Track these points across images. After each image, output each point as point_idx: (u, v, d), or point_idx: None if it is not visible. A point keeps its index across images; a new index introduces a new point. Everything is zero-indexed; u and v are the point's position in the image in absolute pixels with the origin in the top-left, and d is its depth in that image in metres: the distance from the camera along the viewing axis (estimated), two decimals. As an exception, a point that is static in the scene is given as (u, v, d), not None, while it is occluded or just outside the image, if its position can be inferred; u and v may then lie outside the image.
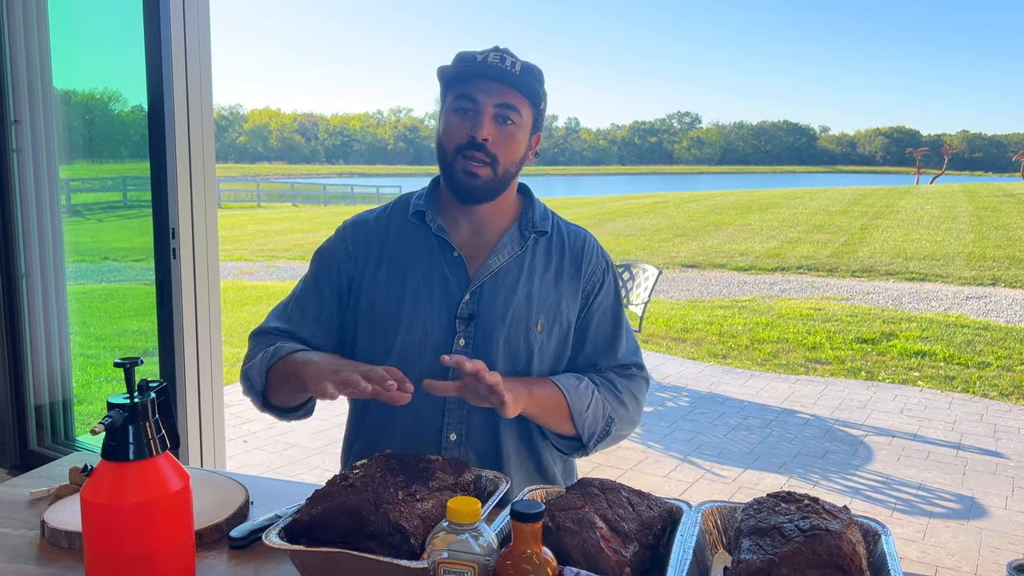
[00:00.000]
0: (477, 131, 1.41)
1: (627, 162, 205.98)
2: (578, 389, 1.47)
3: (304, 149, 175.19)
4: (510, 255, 1.50)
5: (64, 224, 3.32)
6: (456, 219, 1.52)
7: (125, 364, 1.05)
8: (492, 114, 1.42)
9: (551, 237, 1.55)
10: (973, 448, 4.51)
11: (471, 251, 1.51)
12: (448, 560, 0.94)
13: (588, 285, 1.55)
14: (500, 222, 1.53)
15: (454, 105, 1.44)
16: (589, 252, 1.56)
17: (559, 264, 1.53)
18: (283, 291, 10.04)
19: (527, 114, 1.46)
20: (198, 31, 2.65)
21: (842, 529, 1.04)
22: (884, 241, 14.25)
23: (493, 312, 1.46)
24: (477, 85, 1.42)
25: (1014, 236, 14.57)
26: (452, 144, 1.44)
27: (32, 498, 1.44)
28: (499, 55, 1.42)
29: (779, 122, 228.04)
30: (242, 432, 4.68)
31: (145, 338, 3.27)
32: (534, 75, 1.45)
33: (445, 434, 1.47)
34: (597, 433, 1.50)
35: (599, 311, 1.56)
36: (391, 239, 1.54)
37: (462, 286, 1.48)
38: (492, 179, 1.44)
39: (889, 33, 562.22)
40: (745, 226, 17.39)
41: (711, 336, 7.43)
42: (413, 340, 1.46)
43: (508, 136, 1.43)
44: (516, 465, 1.50)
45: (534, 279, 1.50)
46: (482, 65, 1.41)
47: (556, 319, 1.51)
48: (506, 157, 1.44)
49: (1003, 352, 6.71)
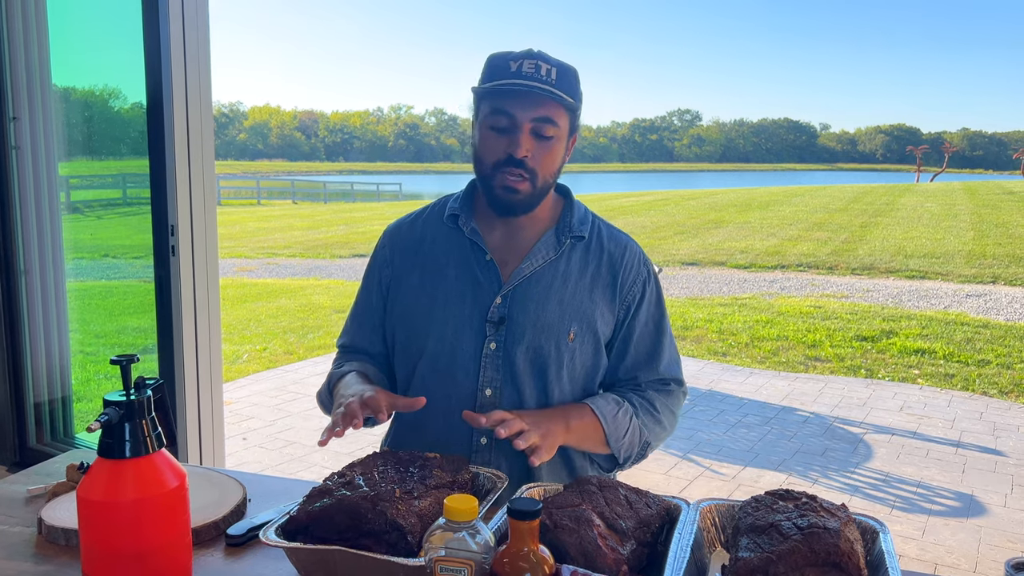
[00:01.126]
0: (515, 149, 1.38)
1: (627, 159, 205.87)
2: (616, 418, 1.46)
3: (304, 146, 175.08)
4: (544, 260, 1.48)
5: (63, 221, 3.32)
6: (491, 223, 1.51)
7: (122, 361, 1.05)
8: (529, 129, 1.39)
9: (589, 243, 1.52)
10: (972, 446, 4.51)
11: (504, 255, 1.49)
12: (445, 558, 0.93)
13: (628, 296, 1.52)
14: (537, 226, 1.51)
15: (489, 121, 1.41)
16: (629, 261, 1.53)
17: (596, 271, 1.50)
18: (282, 288, 10.05)
19: (564, 123, 1.43)
20: (197, 28, 2.65)
21: (840, 527, 1.04)
22: (884, 239, 14.24)
23: (524, 317, 1.45)
24: (512, 100, 1.38)
25: (1014, 234, 14.55)
26: (490, 160, 1.42)
27: (29, 495, 1.44)
28: (533, 63, 1.38)
29: (780, 120, 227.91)
30: (241, 430, 4.68)
31: (145, 335, 3.27)
32: (569, 79, 1.42)
33: (476, 438, 1.46)
34: (633, 457, 1.51)
35: (641, 323, 1.53)
36: (426, 242, 1.54)
37: (494, 290, 1.46)
38: (531, 193, 1.42)
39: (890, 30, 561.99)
40: (745, 224, 17.38)
41: (711, 333, 7.43)
42: (444, 343, 1.45)
43: (546, 150, 1.41)
44: (547, 470, 1.49)
45: (568, 285, 1.48)
46: (516, 77, 1.37)
47: (589, 328, 1.48)
48: (545, 170, 1.43)
49: (1003, 350, 6.71)
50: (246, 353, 6.63)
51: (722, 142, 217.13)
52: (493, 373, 1.45)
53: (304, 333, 7.41)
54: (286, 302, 9.07)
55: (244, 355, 6.57)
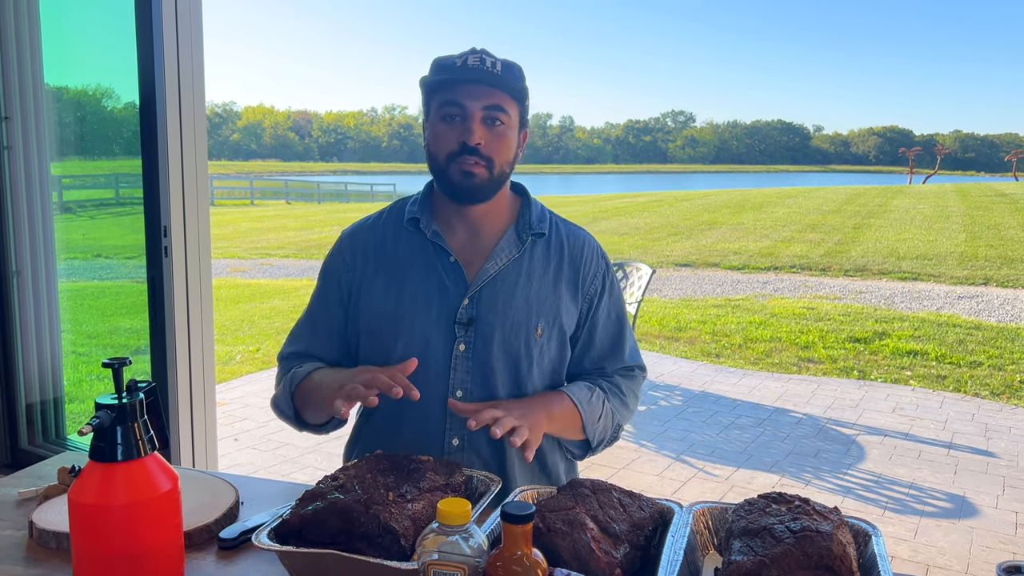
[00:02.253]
0: (468, 136, 1.40)
1: (621, 161, 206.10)
2: (591, 402, 1.49)
3: (298, 147, 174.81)
4: (508, 258, 1.49)
5: (56, 221, 3.31)
6: (451, 224, 1.51)
7: (113, 364, 1.05)
8: (480, 117, 1.41)
9: (549, 239, 1.53)
10: (964, 447, 4.53)
11: (468, 256, 1.50)
12: (438, 561, 0.93)
13: (590, 289, 1.54)
14: (496, 225, 1.52)
15: (440, 112, 1.42)
16: (588, 254, 1.55)
17: (558, 266, 1.52)
18: (276, 289, 10.03)
19: (514, 113, 1.45)
20: (190, 27, 2.64)
21: (832, 530, 1.04)
22: (877, 240, 14.29)
23: (492, 316, 1.45)
24: (461, 90, 1.40)
25: (1006, 236, 14.62)
26: (443, 152, 1.43)
27: (20, 498, 1.43)
28: (478, 57, 1.41)
29: (773, 121, 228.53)
30: (234, 431, 4.67)
31: (137, 336, 3.26)
32: (515, 73, 1.44)
33: (448, 439, 1.47)
34: (606, 440, 1.55)
35: (604, 314, 1.56)
36: (387, 247, 1.53)
37: (460, 291, 1.47)
38: (488, 179, 1.43)
39: (883, 33, 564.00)
40: (739, 225, 17.42)
41: (704, 335, 7.44)
42: (413, 348, 1.45)
43: (499, 137, 1.43)
44: (520, 468, 1.50)
45: (533, 282, 1.49)
46: (463, 69, 1.40)
47: (556, 322, 1.50)
48: (500, 158, 1.43)
49: (994, 351, 6.74)
50: (239, 354, 6.61)
51: (716, 143, 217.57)
52: (464, 375, 1.45)
53: (297, 334, 7.38)
54: (279, 303, 9.05)
55: (237, 356, 6.55)
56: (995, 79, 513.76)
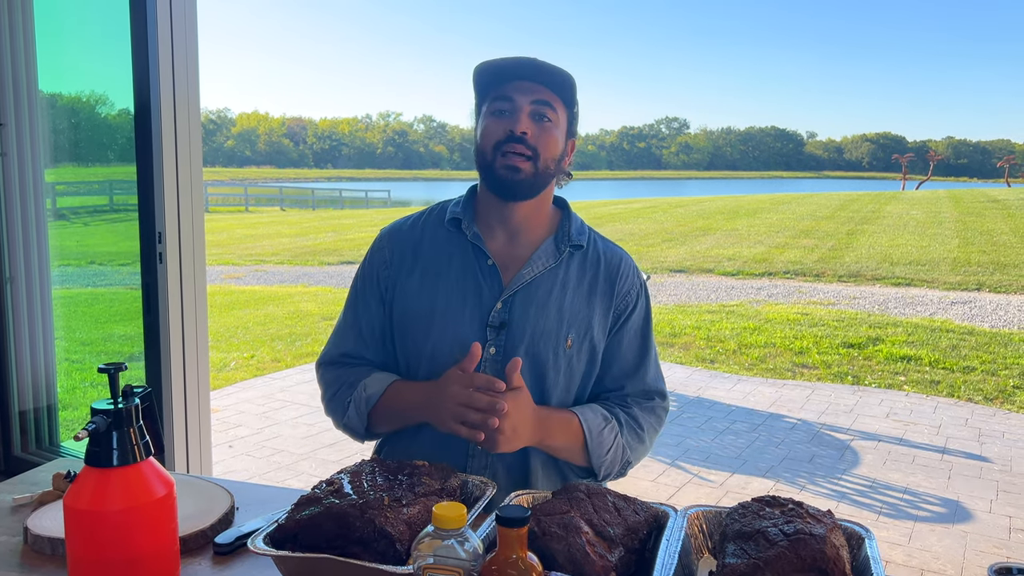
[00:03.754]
0: (515, 126, 1.41)
1: (616, 167, 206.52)
2: (602, 434, 1.46)
3: (292, 153, 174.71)
4: (544, 267, 1.49)
5: (49, 228, 3.30)
6: (492, 227, 1.52)
7: (109, 370, 1.05)
8: (529, 111, 1.43)
9: (587, 252, 1.54)
10: (958, 452, 4.54)
11: (506, 260, 1.50)
12: (434, 566, 0.94)
13: (621, 305, 1.53)
14: (537, 233, 1.53)
15: (491, 108, 1.45)
16: (624, 272, 1.55)
17: (593, 280, 1.52)
18: (270, 295, 10.02)
19: (562, 114, 1.47)
20: (185, 34, 2.65)
21: (826, 533, 1.05)
22: (870, 246, 14.34)
23: (524, 322, 1.45)
24: (512, 86, 1.43)
25: (998, 241, 14.69)
26: (490, 143, 1.44)
27: (15, 504, 1.43)
28: (529, 59, 1.45)
29: (767, 128, 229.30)
30: (228, 437, 4.65)
31: (131, 343, 3.25)
32: (566, 78, 1.46)
33: (472, 444, 1.44)
34: (612, 474, 1.51)
35: (630, 332, 1.54)
36: (426, 245, 1.54)
37: (495, 294, 1.47)
38: (533, 173, 1.43)
39: (875, 40, 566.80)
40: (733, 231, 17.46)
41: (699, 340, 7.45)
42: (444, 346, 1.45)
43: (546, 132, 1.44)
44: (543, 477, 1.49)
45: (567, 293, 1.49)
46: (514, 65, 1.43)
47: (586, 336, 1.49)
48: (546, 151, 1.44)
49: (988, 357, 6.76)
50: (233, 361, 6.60)
51: (710, 150, 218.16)
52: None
53: (292, 341, 7.38)
54: (274, 309, 9.04)
55: (232, 363, 6.54)
56: (988, 86, 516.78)
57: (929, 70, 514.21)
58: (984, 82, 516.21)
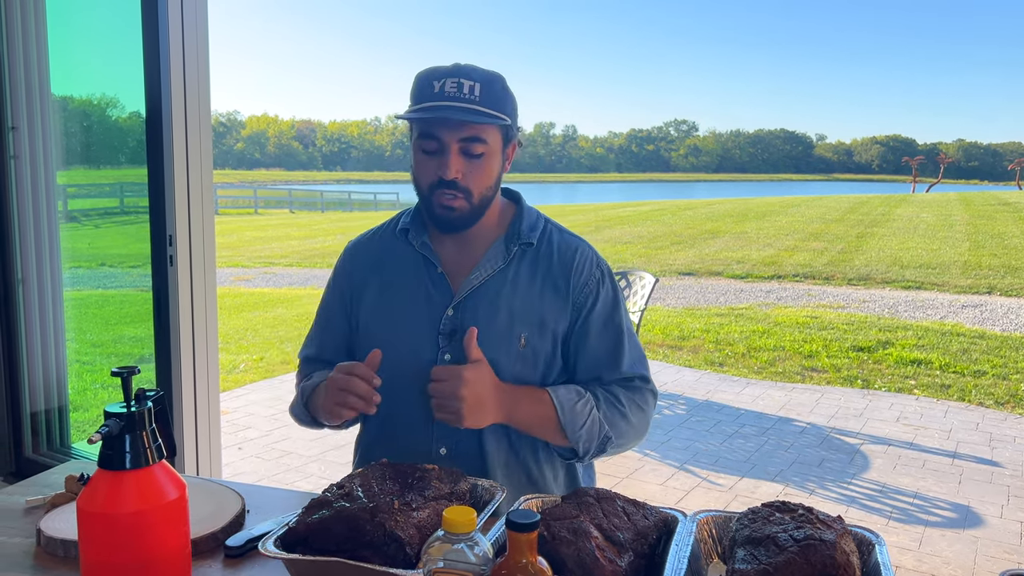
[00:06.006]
0: (444, 171, 1.41)
1: (624, 170, 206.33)
2: (575, 408, 1.44)
3: (302, 156, 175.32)
4: (493, 269, 1.50)
5: (61, 230, 3.32)
6: (441, 236, 1.53)
7: (122, 373, 1.06)
8: (458, 149, 1.41)
9: (538, 248, 1.53)
10: (969, 457, 4.52)
11: (455, 267, 1.52)
12: (444, 570, 0.94)
13: (580, 297, 1.51)
14: (485, 236, 1.53)
15: (419, 144, 1.44)
16: (580, 263, 1.52)
17: (545, 276, 1.51)
18: (279, 298, 10.05)
19: (495, 138, 1.44)
20: (196, 37, 2.66)
21: (836, 539, 1.05)
22: (880, 249, 14.28)
23: (475, 326, 1.45)
24: (438, 127, 1.40)
25: (1010, 245, 14.60)
26: (424, 183, 1.45)
27: (28, 506, 1.44)
28: (456, 82, 1.39)
29: (776, 130, 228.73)
30: (238, 439, 4.67)
31: (141, 344, 3.27)
32: (495, 91, 1.42)
33: (436, 449, 1.48)
34: (592, 450, 1.48)
35: (596, 322, 1.52)
36: (384, 257, 1.58)
37: (445, 302, 1.49)
38: (469, 209, 1.45)
39: (886, 42, 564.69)
40: (742, 234, 17.42)
41: (708, 344, 7.44)
42: (400, 357, 1.47)
43: (478, 168, 1.43)
44: (503, 477, 1.49)
45: (517, 292, 1.49)
46: (439, 98, 1.39)
47: (540, 333, 1.49)
48: (478, 186, 1.44)
49: (999, 361, 6.72)
50: (243, 363, 6.62)
51: (719, 152, 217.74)
52: None
53: (301, 343, 7.39)
54: (283, 311, 9.07)
55: (241, 365, 6.56)
56: (999, 88, 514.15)
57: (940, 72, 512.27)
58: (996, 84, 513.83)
